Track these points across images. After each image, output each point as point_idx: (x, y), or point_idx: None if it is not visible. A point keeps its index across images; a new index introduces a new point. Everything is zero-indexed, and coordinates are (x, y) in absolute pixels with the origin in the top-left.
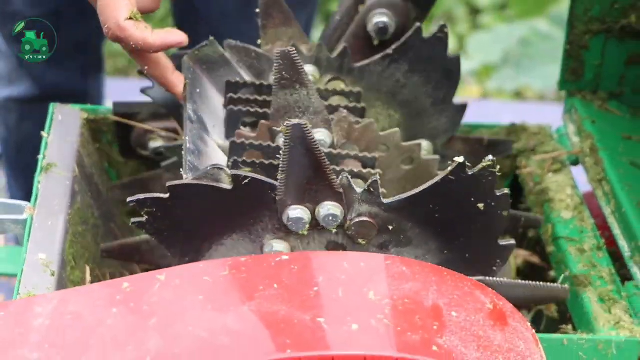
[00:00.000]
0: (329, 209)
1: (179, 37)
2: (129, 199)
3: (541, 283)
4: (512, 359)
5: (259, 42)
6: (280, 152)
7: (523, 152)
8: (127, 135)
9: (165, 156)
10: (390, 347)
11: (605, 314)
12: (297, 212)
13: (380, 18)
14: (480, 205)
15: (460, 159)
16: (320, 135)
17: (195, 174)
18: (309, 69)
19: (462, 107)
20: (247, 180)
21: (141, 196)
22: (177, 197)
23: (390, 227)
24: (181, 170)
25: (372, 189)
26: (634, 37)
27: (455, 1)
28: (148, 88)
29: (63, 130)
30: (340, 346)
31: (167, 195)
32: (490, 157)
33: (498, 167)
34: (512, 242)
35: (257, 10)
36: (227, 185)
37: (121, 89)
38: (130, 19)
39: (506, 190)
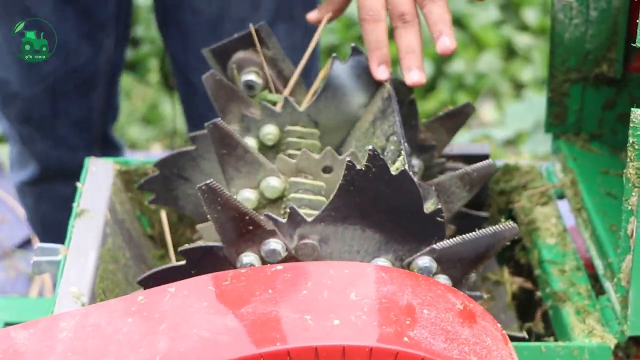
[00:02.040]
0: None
1: None
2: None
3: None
4: (478, 350)
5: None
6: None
7: (516, 189)
8: (234, 49)
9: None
10: (366, 338)
11: (581, 324)
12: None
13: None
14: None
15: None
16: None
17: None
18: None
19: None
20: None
21: None
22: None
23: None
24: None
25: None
26: (607, 84)
27: (499, 77)
28: None
29: (96, 180)
30: (322, 338)
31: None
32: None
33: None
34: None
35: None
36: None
37: None
38: None
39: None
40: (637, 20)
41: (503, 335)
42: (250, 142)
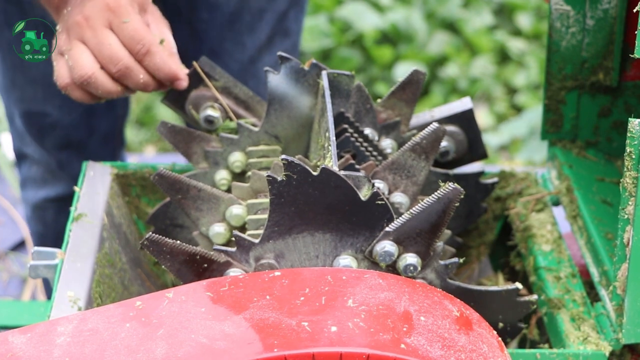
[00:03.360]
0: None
1: None
2: None
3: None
4: (474, 358)
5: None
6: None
7: (511, 195)
8: (187, 91)
9: (212, 125)
10: (364, 344)
11: (576, 332)
12: None
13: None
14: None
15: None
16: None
17: None
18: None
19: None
20: None
21: None
22: None
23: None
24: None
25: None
26: (603, 92)
27: (493, 81)
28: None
29: (94, 184)
30: (320, 345)
31: None
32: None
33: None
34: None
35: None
36: None
37: None
38: None
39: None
40: (636, 31)
41: (499, 342)
42: (222, 174)
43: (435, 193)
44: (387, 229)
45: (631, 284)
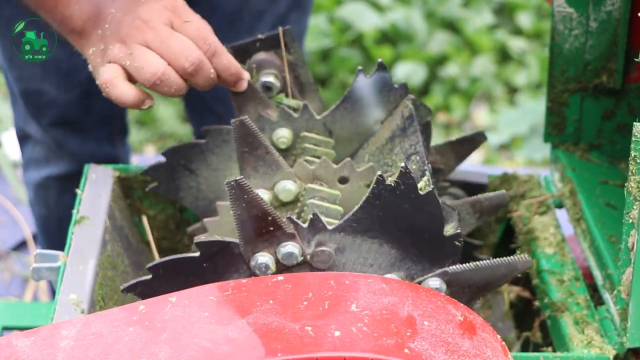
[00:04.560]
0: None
1: None
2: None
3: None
4: None
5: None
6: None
7: (514, 198)
8: (255, 50)
9: (268, 92)
10: (367, 349)
11: (579, 335)
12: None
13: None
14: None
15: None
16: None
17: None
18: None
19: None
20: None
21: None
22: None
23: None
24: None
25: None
26: (606, 94)
27: (493, 81)
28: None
29: (96, 187)
30: (323, 349)
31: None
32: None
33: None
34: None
35: None
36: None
37: None
38: None
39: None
40: None
41: (503, 346)
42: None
43: (508, 257)
44: (447, 268)
45: (636, 288)
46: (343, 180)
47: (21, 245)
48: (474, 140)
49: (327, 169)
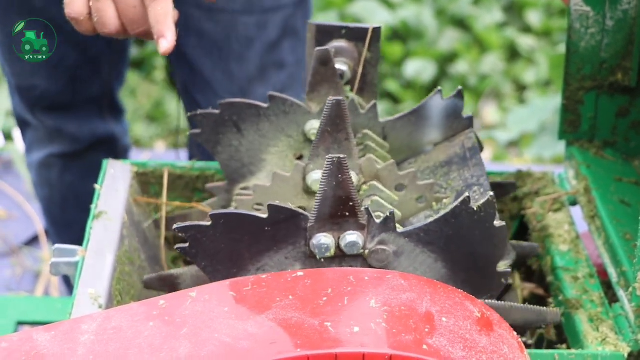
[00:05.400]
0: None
1: None
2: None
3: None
4: (495, 359)
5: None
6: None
7: (528, 195)
8: (332, 36)
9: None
10: (386, 345)
11: (594, 332)
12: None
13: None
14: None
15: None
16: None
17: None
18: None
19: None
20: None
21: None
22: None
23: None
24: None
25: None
26: (622, 92)
27: (502, 78)
28: None
29: (114, 182)
30: (342, 345)
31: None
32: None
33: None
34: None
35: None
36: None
37: None
38: None
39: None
40: None
41: (519, 343)
42: (317, 124)
43: (539, 307)
44: (485, 301)
45: None
46: (400, 188)
47: (33, 241)
48: (503, 187)
49: (392, 172)
